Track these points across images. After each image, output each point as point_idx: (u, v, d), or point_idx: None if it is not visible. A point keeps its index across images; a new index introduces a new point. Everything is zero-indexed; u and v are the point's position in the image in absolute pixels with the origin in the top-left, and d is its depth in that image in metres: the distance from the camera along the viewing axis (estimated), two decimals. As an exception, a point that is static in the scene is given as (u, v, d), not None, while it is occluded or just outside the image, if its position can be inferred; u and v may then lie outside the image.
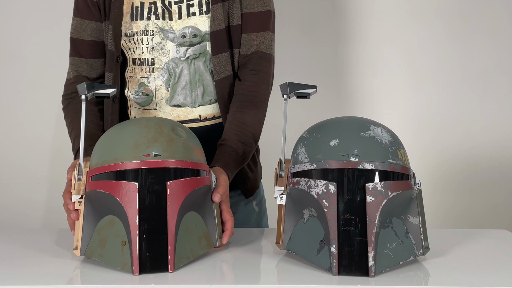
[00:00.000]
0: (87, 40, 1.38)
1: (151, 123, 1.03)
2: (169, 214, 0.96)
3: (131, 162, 0.97)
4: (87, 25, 1.37)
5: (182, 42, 1.30)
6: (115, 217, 0.98)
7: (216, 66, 1.30)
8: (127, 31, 1.32)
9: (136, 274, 0.93)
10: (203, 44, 1.31)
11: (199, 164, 1.04)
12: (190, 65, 1.31)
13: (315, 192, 0.97)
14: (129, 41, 1.32)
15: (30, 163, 2.09)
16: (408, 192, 1.00)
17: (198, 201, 1.03)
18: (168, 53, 1.30)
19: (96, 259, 0.98)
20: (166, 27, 1.30)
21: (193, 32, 1.29)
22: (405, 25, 2.08)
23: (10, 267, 0.99)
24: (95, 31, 1.38)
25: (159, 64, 1.31)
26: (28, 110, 2.08)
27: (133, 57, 1.33)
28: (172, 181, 0.97)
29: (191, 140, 1.06)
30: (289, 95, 1.07)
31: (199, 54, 1.31)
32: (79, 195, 1.01)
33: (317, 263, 0.97)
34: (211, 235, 1.05)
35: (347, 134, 1.00)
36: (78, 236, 1.01)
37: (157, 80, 1.31)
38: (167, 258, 0.95)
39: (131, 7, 1.32)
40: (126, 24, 1.32)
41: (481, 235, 1.24)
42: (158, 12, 1.30)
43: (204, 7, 1.30)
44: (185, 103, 1.32)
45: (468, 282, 0.92)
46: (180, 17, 1.30)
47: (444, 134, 2.11)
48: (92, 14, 1.37)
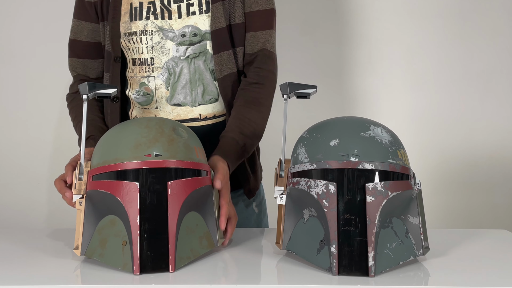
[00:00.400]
0: (84, 41, 1.39)
1: (152, 123, 1.03)
2: (170, 214, 0.96)
3: (132, 162, 0.97)
4: (84, 26, 1.38)
5: (181, 41, 1.30)
6: (116, 217, 0.98)
7: (218, 64, 1.31)
8: (126, 32, 1.32)
9: (137, 274, 0.93)
10: (203, 43, 1.31)
11: (200, 164, 1.04)
12: (190, 64, 1.31)
13: (315, 192, 0.97)
14: (128, 42, 1.32)
15: (30, 163, 2.09)
16: (408, 192, 1.00)
17: (199, 201, 1.03)
18: (168, 52, 1.31)
19: (97, 259, 0.98)
20: (165, 27, 1.30)
21: (193, 31, 1.29)
22: (405, 25, 2.08)
23: (10, 267, 0.99)
24: (91, 32, 1.38)
25: (159, 63, 1.31)
26: (29, 110, 2.08)
27: (133, 57, 1.33)
28: (173, 181, 0.97)
29: (192, 140, 1.06)
30: (289, 95, 1.07)
31: (199, 53, 1.31)
32: (80, 194, 1.01)
33: (317, 263, 0.97)
34: (212, 235, 1.05)
35: (347, 134, 1.00)
36: (78, 236, 1.01)
37: (157, 79, 1.32)
38: (168, 258, 0.95)
39: (130, 8, 1.32)
40: (125, 24, 1.32)
41: (481, 235, 1.24)
42: (157, 12, 1.30)
43: (204, 6, 1.30)
44: (185, 102, 1.32)
45: (468, 282, 0.92)
46: (180, 16, 1.30)
47: (444, 134, 2.11)
48: (89, 15, 1.37)
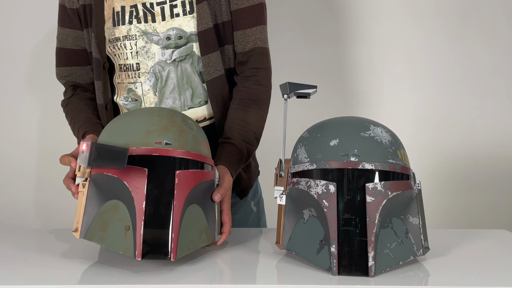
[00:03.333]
0: (71, 49, 1.37)
1: (164, 113, 1.04)
2: (176, 203, 0.96)
3: (142, 148, 0.97)
4: (69, 33, 1.36)
5: (167, 44, 1.27)
6: (120, 202, 0.98)
7: (206, 66, 1.28)
8: (110, 37, 1.29)
9: (138, 259, 0.93)
10: (189, 46, 1.28)
11: (207, 158, 1.05)
12: (177, 68, 1.28)
13: (315, 192, 0.97)
14: (113, 47, 1.30)
15: (30, 163, 2.09)
16: (408, 192, 1.00)
17: (201, 194, 1.04)
18: (154, 57, 1.28)
19: (97, 242, 0.97)
20: (149, 30, 1.27)
21: (178, 33, 1.26)
22: (405, 25, 2.08)
23: (10, 267, 0.99)
24: (76, 40, 1.36)
25: (145, 68, 1.28)
26: (28, 110, 2.08)
27: (119, 63, 1.31)
28: (181, 171, 0.98)
29: (200, 134, 1.07)
30: (289, 95, 1.07)
31: (186, 56, 1.28)
32: (84, 177, 1.00)
33: (317, 263, 0.97)
34: (211, 230, 1.06)
35: (347, 134, 1.00)
36: (79, 218, 1.00)
37: (144, 84, 1.29)
38: (170, 246, 0.95)
39: (112, 13, 1.29)
40: (108, 30, 1.30)
41: (481, 235, 1.24)
42: (140, 16, 1.27)
43: (188, 7, 1.27)
44: (174, 106, 1.30)
45: (468, 282, 0.92)
46: (163, 18, 1.27)
47: (444, 134, 2.11)
48: (73, 22, 1.35)
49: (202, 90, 1.31)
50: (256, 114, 1.28)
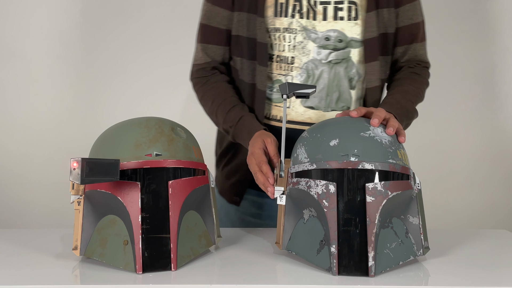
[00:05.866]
0: (216, 28, 1.34)
1: (151, 123, 1.04)
2: (171, 213, 0.97)
3: (132, 161, 0.98)
4: (218, 12, 1.33)
5: (324, 44, 1.26)
6: (116, 217, 0.98)
7: (369, 73, 1.29)
8: (269, 26, 1.29)
9: (139, 273, 0.94)
10: (347, 50, 1.28)
11: (199, 164, 1.05)
12: (331, 70, 1.28)
13: (315, 192, 0.97)
14: (269, 37, 1.29)
15: (30, 163, 2.09)
16: (408, 192, 1.00)
17: (197, 200, 1.04)
18: (309, 53, 1.27)
19: (97, 259, 0.98)
20: (309, 27, 1.27)
21: (339, 36, 1.26)
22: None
23: (10, 267, 0.99)
24: (224, 19, 1.33)
25: (299, 63, 1.28)
26: (29, 110, 2.08)
27: (273, 53, 1.30)
28: (174, 180, 0.98)
29: (190, 140, 1.07)
30: (288, 95, 1.07)
31: (342, 60, 1.28)
32: (78, 195, 1.01)
33: (317, 263, 0.97)
34: (210, 233, 1.06)
35: (347, 134, 1.00)
36: (77, 236, 1.01)
37: (294, 79, 1.28)
38: (170, 257, 0.96)
39: (275, 2, 1.28)
40: (268, 18, 1.29)
41: (481, 235, 1.24)
42: (303, 11, 1.27)
43: (353, 13, 1.26)
44: (319, 106, 1.29)
45: (468, 282, 0.92)
46: (324, 18, 1.27)
47: (444, 134, 2.11)
48: (225, 1, 1.32)
49: (348, 96, 1.30)
50: (417, 88, 1.31)
